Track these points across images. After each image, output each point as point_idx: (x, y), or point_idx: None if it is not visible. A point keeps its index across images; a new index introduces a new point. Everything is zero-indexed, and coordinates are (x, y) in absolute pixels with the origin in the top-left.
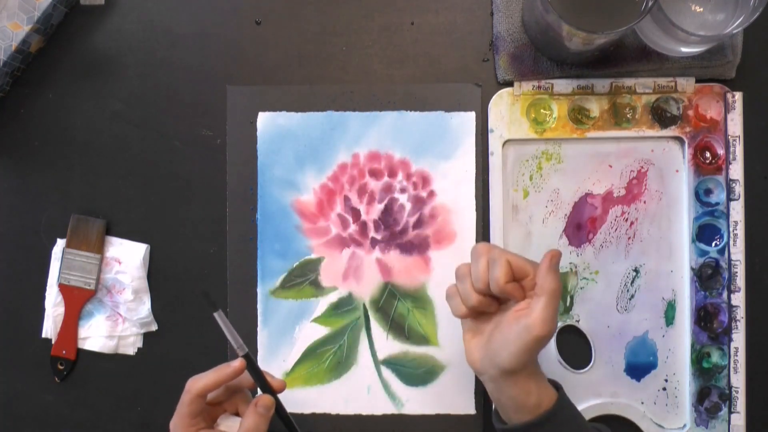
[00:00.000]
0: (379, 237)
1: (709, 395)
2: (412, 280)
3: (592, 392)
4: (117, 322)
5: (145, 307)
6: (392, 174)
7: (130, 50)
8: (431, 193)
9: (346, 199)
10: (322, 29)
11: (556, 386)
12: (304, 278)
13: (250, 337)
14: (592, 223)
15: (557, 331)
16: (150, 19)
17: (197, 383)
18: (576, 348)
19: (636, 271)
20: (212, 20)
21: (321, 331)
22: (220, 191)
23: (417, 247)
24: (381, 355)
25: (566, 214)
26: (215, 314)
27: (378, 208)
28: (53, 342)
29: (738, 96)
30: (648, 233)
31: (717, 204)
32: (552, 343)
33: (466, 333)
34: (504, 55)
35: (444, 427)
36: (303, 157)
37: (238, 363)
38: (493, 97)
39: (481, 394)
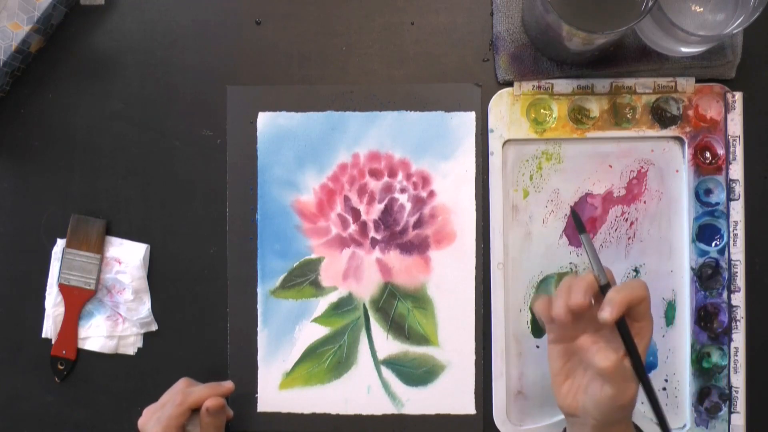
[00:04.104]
0: (379, 237)
1: (709, 395)
2: (412, 280)
3: None
4: (117, 322)
5: (145, 307)
6: (392, 174)
7: (130, 50)
8: (431, 193)
9: (346, 199)
10: (322, 29)
11: None
12: (304, 278)
13: (250, 337)
14: (592, 223)
15: None
16: (150, 19)
17: (191, 396)
18: None
19: (636, 271)
20: (212, 20)
21: (321, 331)
22: (220, 191)
23: (417, 247)
24: (381, 355)
25: (566, 214)
26: (582, 236)
27: (378, 208)
28: (53, 342)
29: (738, 96)
30: (648, 233)
31: (717, 204)
32: None
33: (557, 376)
34: (504, 55)
35: (444, 427)
36: (303, 157)
37: (230, 384)
38: (493, 97)
39: (481, 394)
